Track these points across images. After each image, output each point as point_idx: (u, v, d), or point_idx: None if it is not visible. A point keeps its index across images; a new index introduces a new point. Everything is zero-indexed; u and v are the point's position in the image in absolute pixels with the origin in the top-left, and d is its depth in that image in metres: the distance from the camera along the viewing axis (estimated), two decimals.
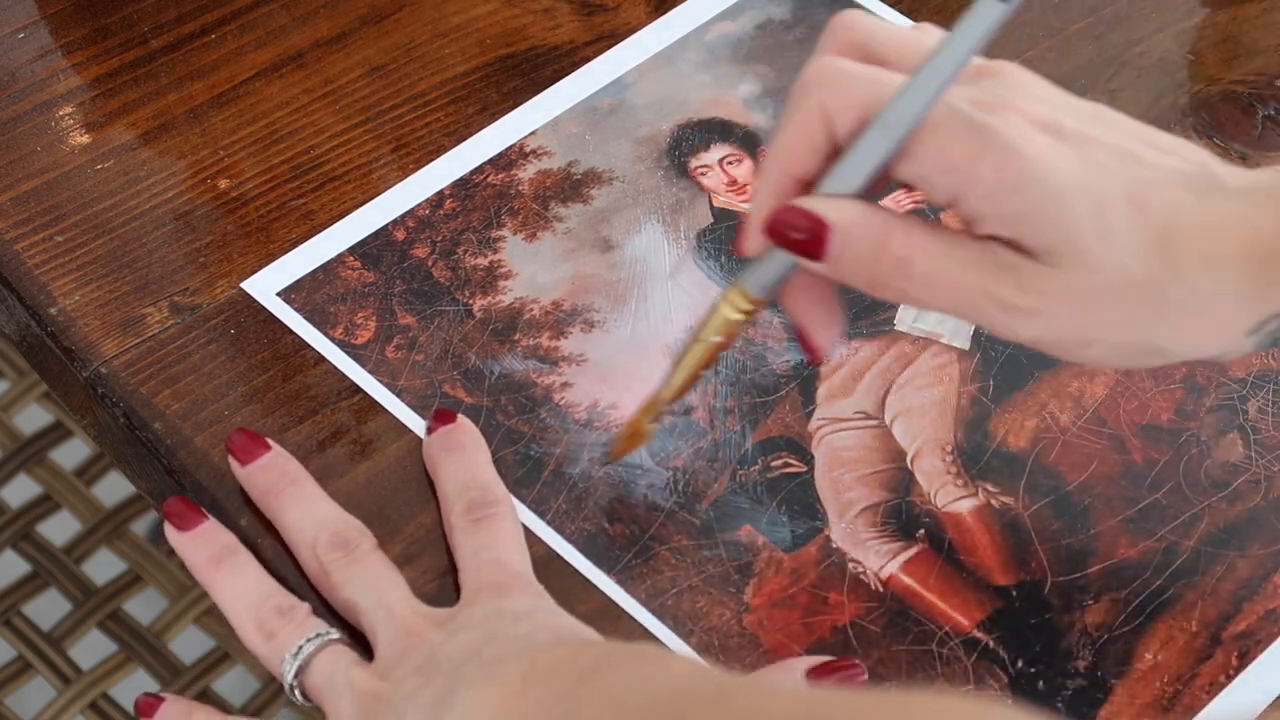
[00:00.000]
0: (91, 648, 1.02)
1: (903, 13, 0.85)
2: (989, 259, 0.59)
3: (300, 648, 0.64)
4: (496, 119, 0.81)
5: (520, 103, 0.82)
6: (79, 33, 0.84)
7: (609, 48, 0.84)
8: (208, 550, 0.67)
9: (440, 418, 0.70)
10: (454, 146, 0.80)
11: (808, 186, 0.61)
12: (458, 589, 0.66)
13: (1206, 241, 0.58)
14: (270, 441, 0.69)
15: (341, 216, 0.78)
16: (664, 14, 0.85)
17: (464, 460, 0.69)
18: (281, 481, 0.68)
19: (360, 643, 0.65)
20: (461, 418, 0.70)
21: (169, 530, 0.67)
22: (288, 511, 0.67)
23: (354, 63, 0.83)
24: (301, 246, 0.76)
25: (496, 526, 0.66)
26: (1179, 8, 0.86)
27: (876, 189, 0.61)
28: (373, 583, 0.65)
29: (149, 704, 0.66)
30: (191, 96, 0.82)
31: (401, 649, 0.63)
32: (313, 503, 0.67)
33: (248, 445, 0.69)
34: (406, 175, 0.79)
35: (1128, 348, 0.60)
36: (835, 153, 0.60)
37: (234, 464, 0.69)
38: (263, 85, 0.82)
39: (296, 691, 0.64)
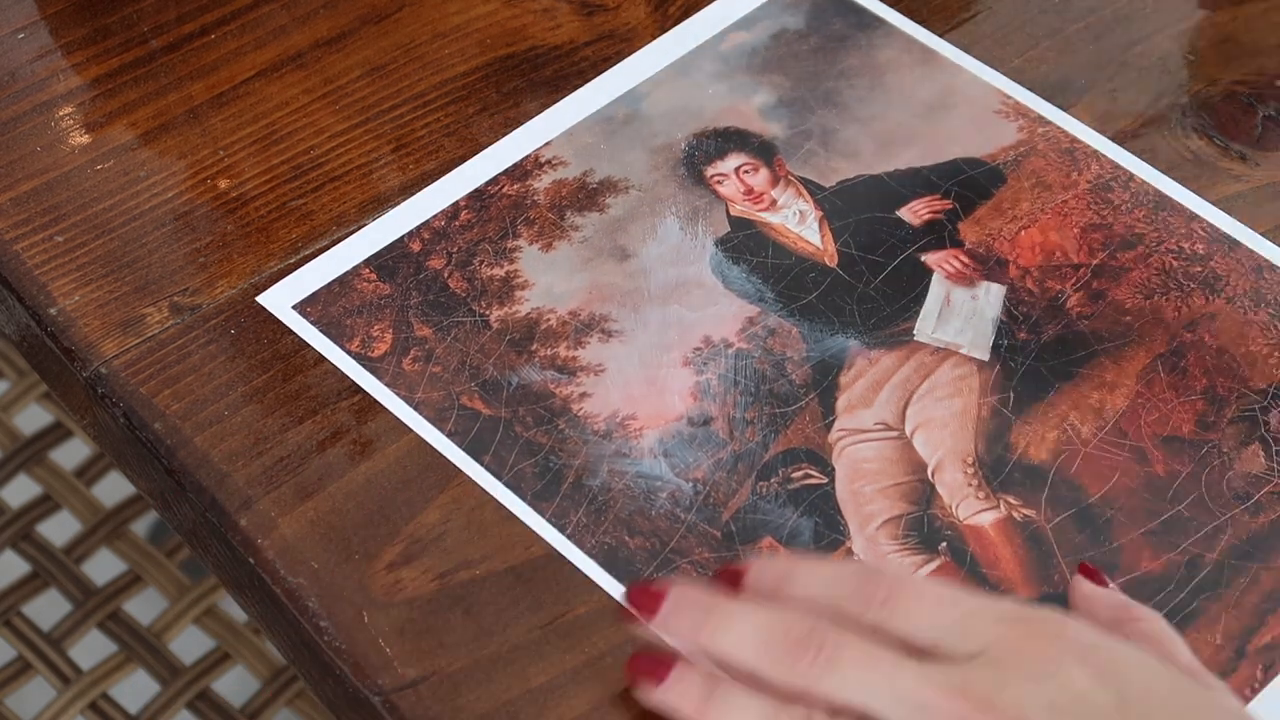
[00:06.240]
0: (91, 648, 1.02)
1: (901, 12, 0.85)
2: None
3: None
4: (497, 119, 0.81)
5: (520, 103, 0.82)
6: (79, 33, 0.84)
7: (609, 48, 0.84)
8: (693, 693, 0.62)
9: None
10: (454, 147, 0.80)
11: None
12: (461, 589, 0.65)
13: None
14: (662, 582, 0.64)
15: (341, 217, 0.78)
16: (663, 12, 0.85)
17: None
18: (701, 617, 0.63)
19: None
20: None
21: (645, 689, 0.63)
22: (718, 642, 0.62)
23: (354, 63, 0.83)
24: (317, 259, 0.76)
25: None
26: (1179, 8, 0.86)
27: None
28: (870, 675, 0.60)
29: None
30: (191, 96, 0.82)
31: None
32: (736, 621, 0.62)
33: (645, 600, 0.64)
34: (407, 175, 0.79)
35: None
36: None
37: (643, 619, 0.64)
38: (263, 85, 0.82)
39: None
